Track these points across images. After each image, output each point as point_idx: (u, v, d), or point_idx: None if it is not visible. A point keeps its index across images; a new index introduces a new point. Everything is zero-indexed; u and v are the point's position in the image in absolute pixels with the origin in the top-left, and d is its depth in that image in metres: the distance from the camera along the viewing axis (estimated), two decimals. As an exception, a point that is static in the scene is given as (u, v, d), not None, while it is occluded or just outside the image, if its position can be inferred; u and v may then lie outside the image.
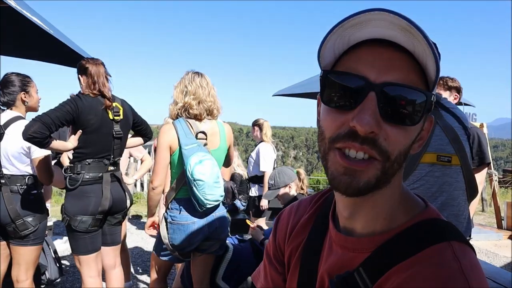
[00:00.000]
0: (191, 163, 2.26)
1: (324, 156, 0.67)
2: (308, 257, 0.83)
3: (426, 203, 0.75)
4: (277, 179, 3.07)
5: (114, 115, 2.62)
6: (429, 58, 0.61)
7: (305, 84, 5.02)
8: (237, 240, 3.20)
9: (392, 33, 0.61)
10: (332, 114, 0.65)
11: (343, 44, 0.65)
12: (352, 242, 0.73)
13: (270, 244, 0.95)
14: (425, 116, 0.65)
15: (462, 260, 0.62)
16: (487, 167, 2.68)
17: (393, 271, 0.64)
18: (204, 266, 2.57)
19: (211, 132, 2.47)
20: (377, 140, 0.61)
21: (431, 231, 0.68)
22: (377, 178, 0.63)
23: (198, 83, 2.41)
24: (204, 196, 2.29)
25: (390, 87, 0.61)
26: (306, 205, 0.92)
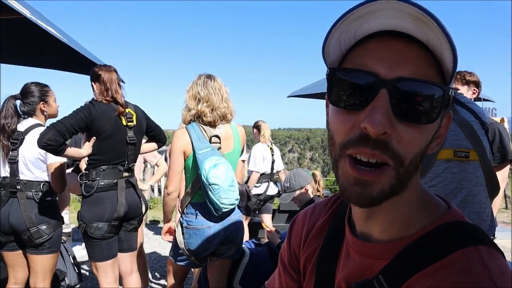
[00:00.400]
0: (206, 167, 2.24)
1: (335, 163, 0.62)
2: (325, 264, 0.79)
3: (448, 204, 0.70)
4: (293, 182, 3.03)
5: (128, 121, 2.62)
6: (444, 48, 0.55)
7: (320, 84, 4.98)
8: (254, 244, 3.17)
9: (403, 23, 0.56)
10: (342, 115, 0.60)
11: (349, 38, 0.61)
12: (370, 249, 0.68)
13: (284, 250, 0.91)
14: (443, 112, 0.60)
15: (490, 266, 0.57)
16: (510, 163, 2.59)
17: (415, 279, 0.60)
18: (220, 271, 2.55)
19: (225, 136, 2.46)
20: (390, 143, 0.56)
21: (455, 235, 0.62)
22: (392, 186, 0.58)
23: (211, 88, 2.39)
24: (219, 200, 2.28)
25: (403, 82, 0.56)
26: (321, 209, 0.88)
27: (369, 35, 0.60)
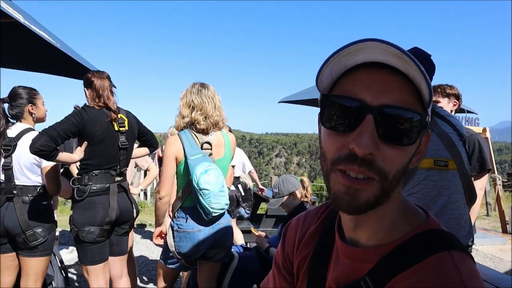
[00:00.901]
0: (197, 173, 2.30)
1: (326, 176, 0.70)
2: (316, 268, 0.86)
3: (427, 214, 0.78)
4: (282, 187, 3.10)
5: (120, 126, 2.66)
6: (422, 82, 0.64)
7: (311, 91, 5.08)
8: (242, 248, 3.23)
9: (386, 58, 0.64)
10: (333, 136, 0.68)
11: (339, 68, 0.68)
12: (358, 253, 0.76)
13: (278, 254, 0.98)
14: (422, 133, 0.68)
15: (461, 269, 0.65)
16: (488, 173, 2.71)
17: (397, 279, 0.67)
18: (210, 274, 2.60)
19: (217, 143, 2.52)
20: (375, 161, 0.63)
21: (432, 241, 0.71)
22: (377, 197, 0.66)
23: (204, 97, 2.46)
24: (209, 205, 2.34)
25: (386, 109, 0.64)
26: (312, 216, 0.96)
27: (356, 66, 0.68)
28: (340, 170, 0.66)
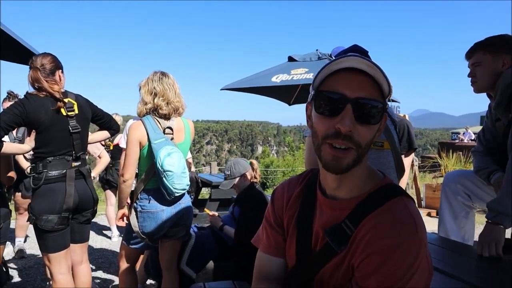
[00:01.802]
0: (161, 155, 2.43)
1: (318, 148, 0.99)
2: (304, 219, 1.13)
3: (383, 174, 1.10)
4: (233, 170, 3.31)
5: (68, 111, 2.61)
6: (383, 82, 0.95)
7: (254, 79, 5.27)
8: (197, 228, 3.40)
9: (361, 65, 0.94)
10: (322, 119, 0.97)
11: (327, 72, 0.98)
12: (339, 204, 1.05)
13: (269, 214, 1.23)
14: (382, 116, 0.98)
15: (409, 207, 0.98)
16: (414, 151, 3.15)
17: (368, 218, 0.98)
18: (172, 252, 2.76)
19: (177, 128, 2.66)
20: (353, 136, 0.93)
21: (389, 191, 1.02)
22: (354, 160, 0.96)
23: (166, 84, 2.58)
24: (173, 186, 2.49)
25: (360, 100, 0.93)
26: (295, 182, 1.23)
27: (339, 70, 0.97)
28: (328, 143, 0.95)
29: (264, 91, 6.55)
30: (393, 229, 0.91)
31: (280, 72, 5.16)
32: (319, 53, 5.52)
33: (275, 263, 1.18)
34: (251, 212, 3.10)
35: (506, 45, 2.04)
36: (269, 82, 5.00)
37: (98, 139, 3.07)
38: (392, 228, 0.92)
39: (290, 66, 5.29)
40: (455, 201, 2.30)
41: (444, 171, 8.19)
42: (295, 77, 5.00)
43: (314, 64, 5.27)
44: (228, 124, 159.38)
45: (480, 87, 2.13)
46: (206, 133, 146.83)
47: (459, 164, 8.11)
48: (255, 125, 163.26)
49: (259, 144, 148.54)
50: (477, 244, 1.86)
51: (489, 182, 2.13)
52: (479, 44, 2.11)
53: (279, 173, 17.88)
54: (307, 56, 5.53)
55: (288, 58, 5.63)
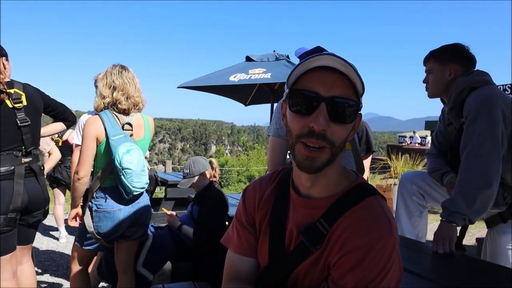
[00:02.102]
0: (120, 152, 2.33)
1: (292, 146, 0.98)
2: (277, 219, 1.11)
3: (356, 173, 1.10)
4: (192, 168, 3.25)
5: (15, 103, 2.43)
6: (357, 82, 0.95)
7: (211, 77, 5.22)
8: (154, 228, 3.31)
9: (335, 64, 0.93)
10: (297, 118, 0.96)
11: (302, 70, 0.97)
12: (313, 203, 1.04)
13: (241, 214, 1.20)
14: (356, 115, 0.98)
15: (383, 205, 1.00)
16: (372, 154, 3.26)
17: (344, 217, 0.98)
18: (128, 253, 2.65)
19: (137, 124, 2.56)
20: (327, 135, 0.93)
21: (363, 190, 1.03)
22: (328, 159, 0.96)
23: (125, 78, 2.47)
24: (131, 184, 2.39)
25: (335, 99, 0.93)
26: (267, 181, 1.21)
27: (313, 68, 0.96)
28: (302, 142, 0.94)
29: (221, 90, 6.53)
30: (369, 227, 0.92)
31: (238, 71, 5.17)
32: (277, 54, 5.61)
33: (247, 263, 1.16)
34: (210, 211, 3.06)
35: (452, 55, 2.16)
36: (227, 81, 4.99)
37: (53, 132, 2.88)
38: (368, 226, 0.93)
39: (248, 66, 5.33)
40: (411, 200, 2.39)
41: (393, 173, 8.55)
42: (253, 76, 5.03)
43: (271, 64, 5.34)
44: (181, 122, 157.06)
45: (432, 93, 2.27)
46: (159, 131, 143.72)
47: (407, 165, 8.50)
48: (209, 124, 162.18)
49: (213, 143, 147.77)
50: (432, 241, 1.96)
51: (442, 183, 2.24)
52: (432, 53, 2.24)
53: (233, 173, 17.85)
54: (264, 56, 5.60)
55: (245, 58, 5.66)
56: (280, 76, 4.99)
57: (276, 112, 2.37)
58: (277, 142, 2.30)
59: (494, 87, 2.08)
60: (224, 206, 3.21)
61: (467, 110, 1.99)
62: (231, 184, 16.60)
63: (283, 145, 2.31)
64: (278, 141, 2.30)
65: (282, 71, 5.08)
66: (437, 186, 2.34)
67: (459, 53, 2.17)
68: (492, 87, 2.05)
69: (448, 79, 2.15)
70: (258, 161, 19.28)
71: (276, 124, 2.32)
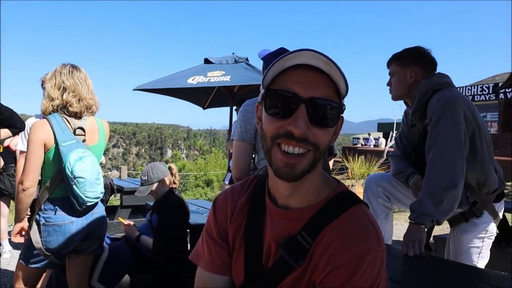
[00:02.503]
0: (71, 160, 2.14)
1: (267, 152, 0.89)
2: (253, 231, 1.01)
3: (337, 180, 1.02)
4: (151, 175, 3.08)
5: None
6: (341, 81, 0.86)
7: (169, 80, 5.03)
8: (109, 239, 3.09)
9: (315, 61, 0.84)
10: (273, 121, 0.87)
11: (279, 68, 0.87)
12: (293, 214, 0.95)
13: (211, 227, 1.08)
14: (339, 118, 0.90)
15: (368, 214, 0.92)
16: (334, 157, 3.25)
17: (327, 229, 0.89)
18: (82, 268, 2.44)
19: (90, 129, 2.36)
20: (308, 138, 0.84)
21: (346, 199, 0.95)
22: (310, 165, 0.87)
23: (77, 79, 2.28)
24: (84, 194, 2.20)
25: (315, 100, 0.84)
26: (239, 190, 1.10)
27: (291, 66, 0.86)
28: (279, 146, 0.85)
29: (179, 93, 6.37)
30: (357, 240, 0.85)
31: (196, 73, 5.05)
32: (236, 56, 5.55)
33: (220, 281, 1.04)
34: (171, 219, 2.91)
35: (414, 58, 2.19)
36: (185, 83, 4.85)
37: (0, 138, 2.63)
38: (355, 238, 0.85)
39: (206, 68, 5.23)
40: (376, 202, 2.38)
41: (351, 174, 8.70)
42: (212, 79, 4.92)
43: (230, 67, 5.27)
44: (136, 126, 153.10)
45: (395, 96, 2.28)
46: (112, 136, 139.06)
47: (363, 167, 8.69)
48: (164, 128, 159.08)
49: (169, 147, 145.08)
50: (402, 244, 1.95)
51: (408, 185, 2.24)
52: (394, 56, 2.27)
53: (191, 177, 17.52)
54: (223, 59, 5.52)
55: (204, 60, 5.55)
56: (240, 79, 4.93)
57: (240, 116, 2.28)
58: (242, 146, 2.21)
59: (455, 89, 2.13)
60: (185, 214, 3.07)
61: (431, 112, 2.02)
62: (189, 189, 16.27)
63: (248, 150, 2.23)
64: (243, 145, 2.21)
65: (242, 74, 5.02)
66: (402, 188, 2.34)
67: (420, 56, 2.20)
68: (452, 89, 2.10)
69: (409, 82, 2.18)
70: (216, 165, 19.04)
71: (240, 128, 2.23)
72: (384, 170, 9.27)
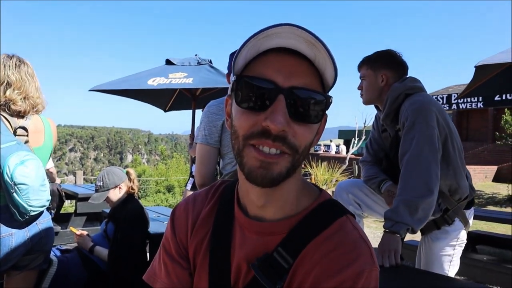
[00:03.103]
0: (10, 164, 1.88)
1: (239, 153, 0.72)
2: (218, 247, 0.84)
3: (318, 188, 0.88)
4: (106, 180, 2.85)
5: None
6: (328, 66, 0.71)
7: (124, 81, 4.74)
8: (60, 251, 2.82)
9: (297, 44, 0.69)
10: (245, 114, 0.71)
11: (254, 51, 0.72)
12: (267, 227, 0.79)
13: (169, 242, 0.92)
14: (324, 113, 0.75)
15: (357, 227, 0.78)
16: None
17: (311, 246, 0.74)
18: (24, 286, 2.17)
19: (34, 129, 2.11)
20: (287, 137, 0.69)
21: (331, 209, 0.80)
22: (288, 169, 0.71)
23: (24, 74, 2.04)
24: (27, 202, 1.94)
25: (296, 90, 0.69)
26: (202, 198, 0.94)
27: (268, 50, 0.71)
28: (254, 146, 0.70)
29: (138, 94, 6.10)
30: (347, 259, 0.71)
31: (157, 75, 4.81)
32: (198, 58, 5.36)
33: None
34: (128, 228, 2.69)
35: (385, 61, 2.13)
36: (145, 84, 4.59)
37: None
38: (345, 258, 0.71)
39: (167, 69, 5.00)
40: None
41: (314, 180, 8.69)
42: (174, 81, 4.71)
43: (193, 69, 5.07)
44: (94, 130, 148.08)
45: (366, 100, 2.21)
46: (69, 139, 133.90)
47: (326, 173, 8.72)
48: (124, 132, 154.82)
49: (129, 152, 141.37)
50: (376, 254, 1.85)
51: (380, 192, 2.16)
52: (365, 59, 2.20)
53: (152, 183, 17.01)
54: (185, 60, 5.31)
55: (165, 61, 5.32)
56: (203, 82, 4.74)
57: (204, 117, 2.12)
58: (206, 150, 2.05)
59: (426, 93, 2.08)
60: (144, 222, 2.86)
61: (404, 117, 1.96)
62: (149, 195, 15.77)
63: (213, 154, 2.07)
64: (207, 149, 2.05)
65: (205, 77, 4.83)
66: (372, 194, 2.27)
67: (391, 59, 2.15)
68: (425, 94, 2.06)
69: (381, 85, 2.12)
70: (177, 170, 18.59)
71: (204, 131, 2.07)
72: (347, 176, 9.36)
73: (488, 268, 3.20)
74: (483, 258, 3.34)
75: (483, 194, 10.97)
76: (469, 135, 20.06)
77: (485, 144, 18.22)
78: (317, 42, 0.68)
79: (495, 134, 13.58)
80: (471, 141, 19.30)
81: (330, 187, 8.61)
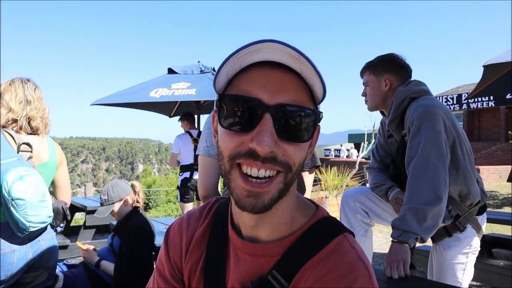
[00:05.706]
0: (9, 180, 1.87)
1: (226, 175, 0.69)
2: (213, 270, 0.81)
3: (315, 204, 0.83)
4: (111, 194, 2.82)
5: None
6: (315, 81, 0.67)
7: (127, 94, 4.72)
8: (66, 266, 2.80)
9: (281, 57, 0.65)
10: (231, 135, 0.67)
11: (237, 67, 0.68)
12: (261, 249, 0.75)
13: (163, 264, 0.88)
14: (315, 129, 0.71)
15: (355, 247, 0.73)
16: (316, 169, 3.08)
17: (306, 268, 0.70)
18: (28, 304, 2.15)
19: (39, 146, 2.14)
20: (277, 157, 0.65)
21: (327, 228, 0.76)
22: (280, 191, 0.67)
23: (39, 96, 2.19)
24: (26, 218, 1.92)
25: (283, 107, 0.65)
26: (196, 217, 0.90)
27: (252, 64, 0.67)
28: (240, 168, 0.66)
29: (142, 104, 6.09)
30: (344, 282, 0.66)
31: (160, 85, 4.73)
32: (201, 66, 5.24)
33: None
34: (134, 242, 2.66)
35: (387, 65, 2.08)
36: (148, 97, 4.53)
37: None
38: (342, 279, 0.67)
39: (170, 79, 4.90)
40: (354, 219, 2.22)
41: (324, 185, 8.59)
42: (176, 92, 4.63)
43: (196, 77, 4.98)
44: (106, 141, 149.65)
45: (371, 106, 2.16)
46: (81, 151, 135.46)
47: (336, 178, 8.61)
48: (135, 142, 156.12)
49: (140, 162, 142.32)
50: (385, 265, 1.78)
51: (387, 199, 2.10)
52: (366, 65, 2.16)
53: (162, 193, 17.03)
54: (188, 68, 5.19)
55: (168, 70, 5.24)
56: (206, 93, 4.64)
57: (205, 128, 2.08)
58: (208, 162, 2.00)
59: (432, 97, 2.02)
60: (150, 236, 2.82)
61: (410, 121, 1.90)
62: (159, 205, 15.79)
63: (215, 166, 2.02)
64: (209, 161, 2.00)
65: (208, 87, 4.73)
66: (380, 202, 2.20)
67: (394, 63, 2.10)
68: (430, 97, 2.00)
69: (385, 90, 2.07)
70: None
71: (206, 142, 2.03)
72: (357, 180, 9.23)
73: (505, 274, 3.09)
74: (499, 263, 3.23)
75: (498, 195, 10.74)
76: (481, 135, 19.79)
77: (498, 143, 17.93)
78: (301, 57, 0.64)
79: (508, 133, 13.32)
80: (483, 141, 19.03)
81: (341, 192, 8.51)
